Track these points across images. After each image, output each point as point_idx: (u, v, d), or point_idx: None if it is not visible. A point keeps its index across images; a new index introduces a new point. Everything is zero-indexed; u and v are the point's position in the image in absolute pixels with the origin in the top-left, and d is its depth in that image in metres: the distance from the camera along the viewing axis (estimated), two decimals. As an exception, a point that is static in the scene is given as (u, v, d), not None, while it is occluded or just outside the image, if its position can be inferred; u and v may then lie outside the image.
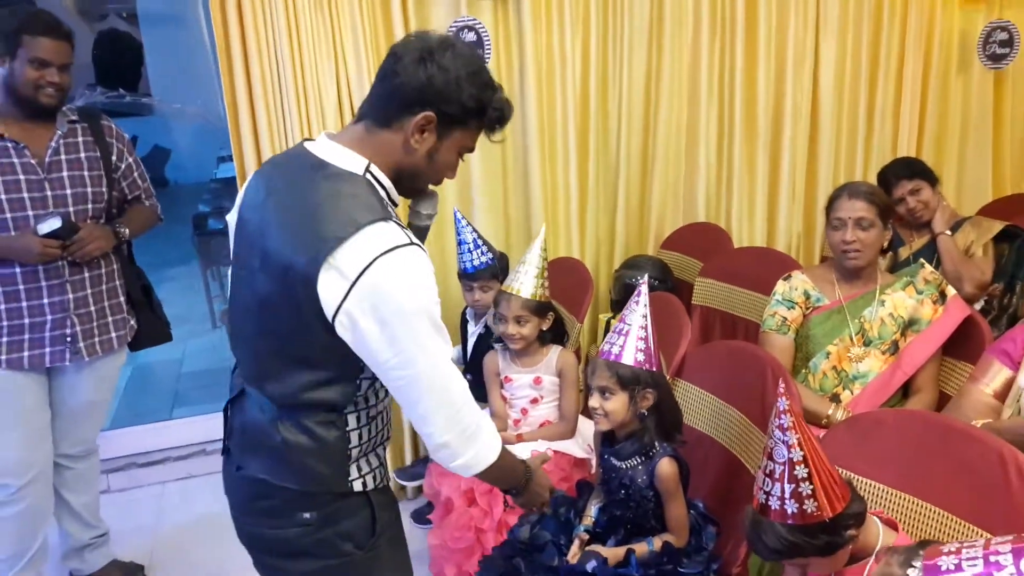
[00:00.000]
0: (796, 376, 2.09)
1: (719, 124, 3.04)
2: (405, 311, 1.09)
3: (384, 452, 1.34)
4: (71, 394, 2.14)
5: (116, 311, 2.15)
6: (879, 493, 1.45)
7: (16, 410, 2.02)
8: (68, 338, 2.03)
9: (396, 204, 1.22)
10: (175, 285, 5.03)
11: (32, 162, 1.94)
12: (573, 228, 2.92)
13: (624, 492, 1.66)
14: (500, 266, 2.46)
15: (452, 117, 1.17)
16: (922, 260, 2.21)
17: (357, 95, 2.49)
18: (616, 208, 3.01)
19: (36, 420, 2.08)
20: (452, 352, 1.26)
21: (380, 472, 1.30)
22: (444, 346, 1.16)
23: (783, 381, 1.23)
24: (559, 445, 2.12)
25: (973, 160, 3.49)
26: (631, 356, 1.62)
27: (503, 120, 1.24)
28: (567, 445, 2.14)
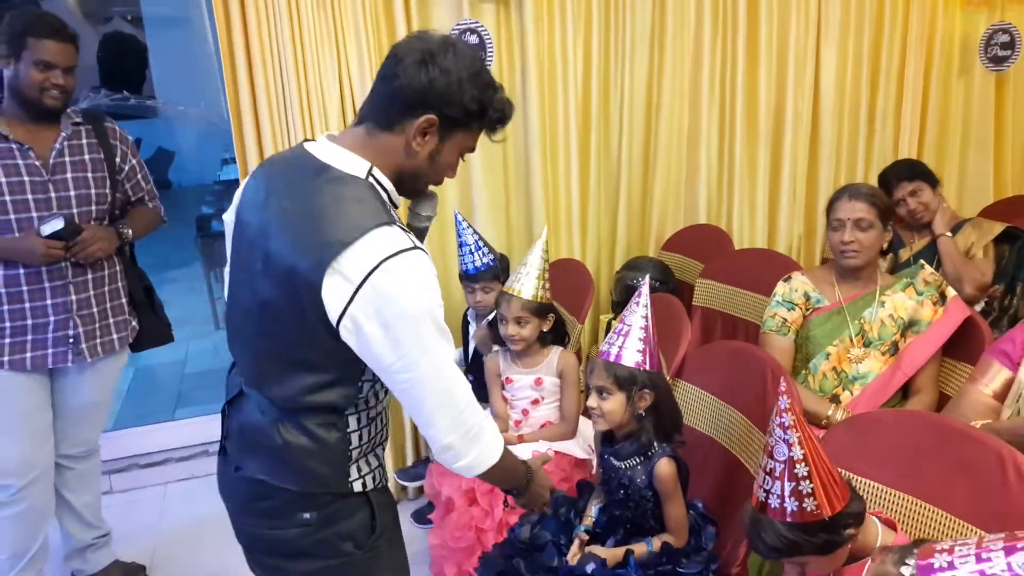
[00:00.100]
0: (796, 377, 2.09)
1: (720, 126, 3.04)
2: (408, 314, 1.09)
3: (383, 452, 1.34)
4: (73, 395, 2.15)
5: (118, 312, 2.17)
6: (878, 493, 1.45)
7: (18, 411, 2.03)
8: (71, 339, 2.04)
9: (397, 206, 1.23)
10: (178, 286, 5.06)
11: (36, 164, 1.95)
12: (574, 229, 2.93)
13: (623, 492, 1.66)
14: (501, 267, 2.46)
15: (454, 119, 1.16)
16: (922, 261, 2.21)
17: (360, 98, 2.50)
18: (617, 209, 3.01)
19: (38, 421, 2.09)
20: (454, 354, 1.26)
21: (379, 472, 1.30)
22: (448, 348, 1.16)
23: (784, 380, 1.23)
24: (560, 446, 2.12)
25: (974, 162, 3.49)
26: (631, 357, 1.62)
27: (504, 120, 1.23)
28: (568, 446, 2.14)
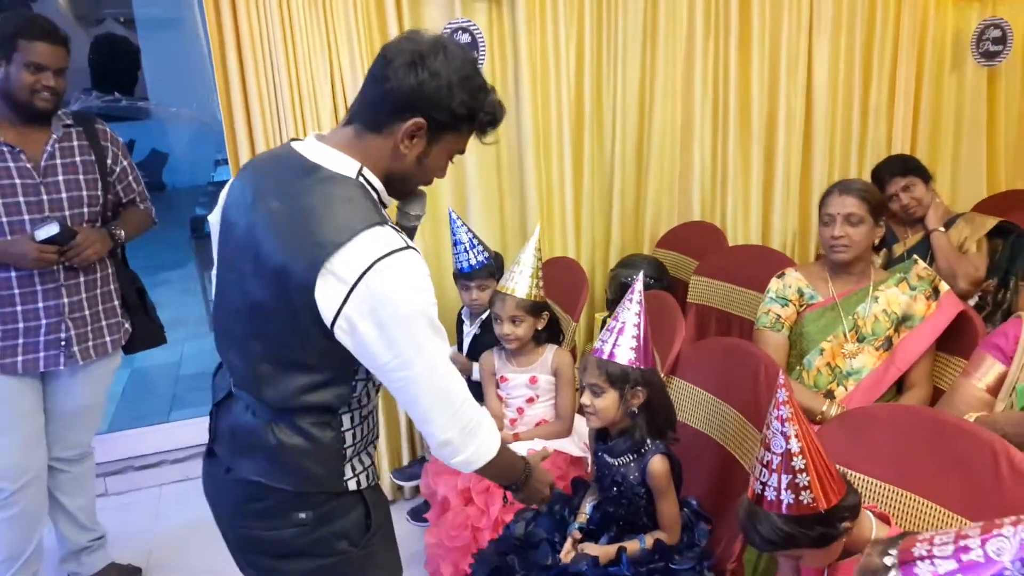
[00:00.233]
0: (790, 373, 2.09)
1: (713, 123, 3.05)
2: (402, 314, 1.09)
3: (374, 451, 1.34)
4: (65, 398, 2.14)
5: (110, 315, 2.16)
6: (872, 487, 1.46)
7: (10, 415, 2.02)
8: (63, 342, 2.03)
9: (387, 206, 1.22)
10: (172, 288, 5.05)
11: (28, 166, 1.95)
12: (568, 228, 2.93)
13: (616, 489, 1.66)
14: (496, 265, 2.46)
15: (442, 123, 1.16)
16: (915, 256, 2.22)
17: (352, 97, 2.44)
18: (611, 207, 3.02)
19: (30, 424, 2.08)
20: (450, 351, 1.27)
21: (372, 471, 1.31)
22: (442, 346, 1.16)
23: (782, 374, 1.23)
24: (555, 444, 2.12)
25: (967, 157, 3.50)
26: (624, 354, 1.61)
27: (495, 123, 1.23)
28: (563, 444, 2.14)
